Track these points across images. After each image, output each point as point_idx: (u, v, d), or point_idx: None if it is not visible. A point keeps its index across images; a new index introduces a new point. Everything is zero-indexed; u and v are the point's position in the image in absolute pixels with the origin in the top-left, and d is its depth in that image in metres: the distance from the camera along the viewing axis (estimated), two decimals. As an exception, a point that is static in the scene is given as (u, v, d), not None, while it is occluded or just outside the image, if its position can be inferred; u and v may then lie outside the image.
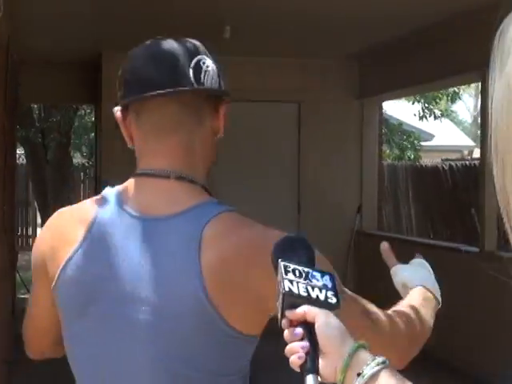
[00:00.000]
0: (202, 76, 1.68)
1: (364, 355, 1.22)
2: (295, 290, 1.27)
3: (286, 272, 1.29)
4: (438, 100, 17.42)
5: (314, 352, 1.22)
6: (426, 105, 16.79)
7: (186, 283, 1.56)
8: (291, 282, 1.28)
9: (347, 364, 1.20)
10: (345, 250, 9.77)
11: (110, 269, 1.63)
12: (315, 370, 1.21)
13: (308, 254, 1.35)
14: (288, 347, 1.24)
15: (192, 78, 1.67)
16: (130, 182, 1.72)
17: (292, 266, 1.30)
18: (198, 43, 1.74)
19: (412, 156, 17.68)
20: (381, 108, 10.32)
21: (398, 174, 13.34)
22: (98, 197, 1.73)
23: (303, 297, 1.27)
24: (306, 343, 1.22)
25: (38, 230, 16.98)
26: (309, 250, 1.36)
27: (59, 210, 1.79)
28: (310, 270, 1.31)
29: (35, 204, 16.59)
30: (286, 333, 1.25)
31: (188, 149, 1.70)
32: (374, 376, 1.19)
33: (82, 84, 9.86)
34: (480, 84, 8.12)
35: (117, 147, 8.74)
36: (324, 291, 1.29)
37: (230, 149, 8.57)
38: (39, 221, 16.60)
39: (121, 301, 1.63)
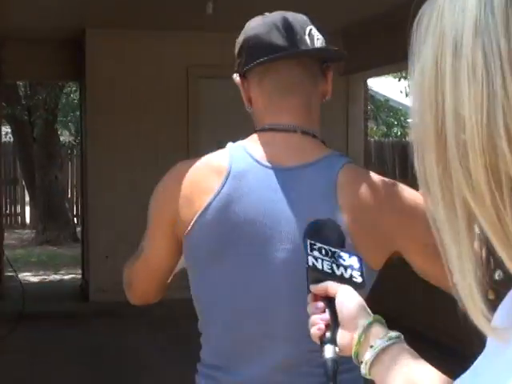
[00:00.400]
0: (316, 42, 1.87)
1: (379, 329, 1.26)
2: (319, 266, 1.32)
3: (312, 249, 1.34)
4: (424, 76, 17.40)
5: (333, 325, 1.27)
6: (413, 81, 16.75)
7: None
8: (316, 258, 1.33)
9: (362, 337, 1.25)
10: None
11: (249, 213, 1.78)
12: (333, 341, 1.26)
13: (336, 237, 1.41)
14: (310, 320, 1.30)
15: (309, 44, 1.86)
16: (256, 137, 1.88)
17: (318, 245, 1.35)
18: (304, 15, 1.92)
19: (399, 133, 17.70)
20: (366, 84, 10.30)
21: (385, 151, 13.34)
22: (224, 150, 1.87)
23: (327, 273, 1.32)
24: (325, 316, 1.28)
25: (27, 208, 16.87)
26: (338, 233, 1.42)
27: (182, 164, 1.90)
28: (337, 251, 1.36)
29: (23, 182, 16.49)
30: (309, 306, 1.31)
31: (307, 108, 1.88)
32: (386, 349, 1.23)
33: (67, 61, 9.78)
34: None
35: (101, 124, 8.75)
36: (349, 270, 1.33)
37: (209, 122, 8.55)
38: (27, 199, 16.49)
39: (260, 241, 1.77)
